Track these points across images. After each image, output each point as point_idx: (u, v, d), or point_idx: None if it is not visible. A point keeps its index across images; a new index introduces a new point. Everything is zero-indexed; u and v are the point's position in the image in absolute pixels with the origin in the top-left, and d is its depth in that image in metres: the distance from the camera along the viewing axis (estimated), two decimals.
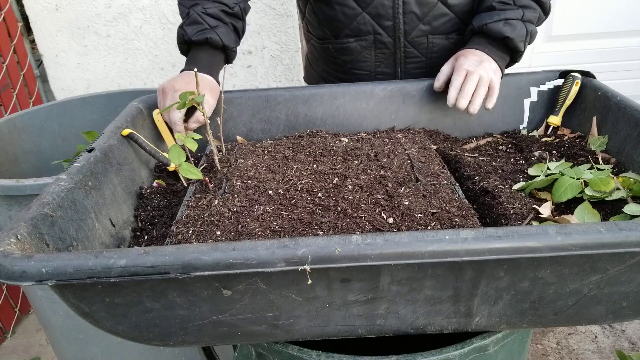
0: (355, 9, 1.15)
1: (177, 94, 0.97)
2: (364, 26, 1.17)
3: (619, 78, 2.33)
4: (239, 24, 1.15)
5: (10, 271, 0.54)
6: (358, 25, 1.17)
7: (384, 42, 1.18)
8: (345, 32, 1.20)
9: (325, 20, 1.21)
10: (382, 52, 1.20)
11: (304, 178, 0.88)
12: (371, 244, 0.55)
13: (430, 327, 0.69)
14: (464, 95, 1.02)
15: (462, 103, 1.03)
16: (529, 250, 0.56)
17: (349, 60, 1.24)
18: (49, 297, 1.27)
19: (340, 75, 1.28)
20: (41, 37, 2.12)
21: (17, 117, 1.47)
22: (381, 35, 1.17)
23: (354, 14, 1.16)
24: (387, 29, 1.16)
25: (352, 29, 1.18)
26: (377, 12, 1.15)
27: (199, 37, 1.07)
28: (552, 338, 1.84)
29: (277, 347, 0.76)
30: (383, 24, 1.16)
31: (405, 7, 1.13)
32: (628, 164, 0.90)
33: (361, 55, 1.22)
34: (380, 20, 1.15)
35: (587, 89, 1.06)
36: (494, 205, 0.82)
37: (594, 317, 0.69)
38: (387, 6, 1.13)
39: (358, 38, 1.19)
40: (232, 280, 0.59)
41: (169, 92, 1.01)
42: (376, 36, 1.18)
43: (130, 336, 0.67)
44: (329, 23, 1.21)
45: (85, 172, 0.78)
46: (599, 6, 2.28)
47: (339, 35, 1.21)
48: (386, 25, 1.16)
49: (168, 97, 1.01)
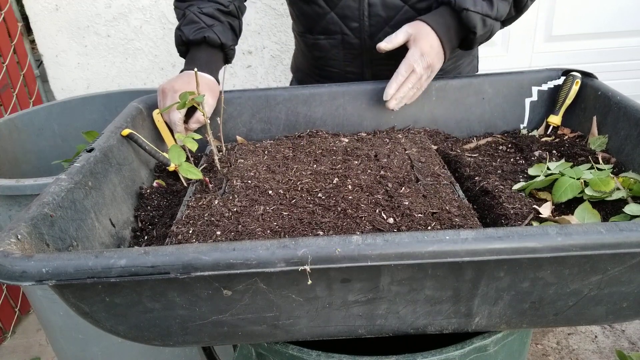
0: (324, 8, 1.15)
1: (177, 94, 0.97)
2: (332, 26, 1.17)
3: (619, 78, 2.33)
4: (235, 22, 1.15)
5: (11, 271, 0.54)
6: (327, 24, 1.17)
7: (351, 42, 1.18)
8: (317, 29, 1.20)
9: (301, 15, 1.22)
10: (350, 53, 1.20)
11: (304, 178, 0.88)
12: (371, 245, 0.55)
13: (430, 327, 0.69)
14: (397, 98, 1.04)
15: (391, 104, 1.05)
16: (529, 251, 0.56)
17: (321, 57, 1.24)
18: (48, 297, 1.27)
19: (315, 70, 1.29)
20: (41, 37, 2.12)
21: (17, 117, 1.47)
22: (348, 35, 1.17)
23: (324, 13, 1.16)
24: (354, 30, 1.16)
25: (322, 27, 1.18)
26: (344, 13, 1.14)
27: (197, 36, 1.08)
28: (552, 338, 1.84)
29: (277, 347, 0.76)
30: (349, 25, 1.15)
31: (371, 10, 1.12)
32: (628, 163, 0.90)
33: (331, 53, 1.22)
34: (347, 21, 1.15)
35: (588, 89, 1.06)
36: (494, 206, 0.82)
37: (594, 317, 0.69)
38: (354, 8, 1.13)
39: (327, 36, 1.19)
40: (232, 280, 0.59)
41: (168, 93, 1.02)
42: (344, 36, 1.18)
43: (130, 336, 0.67)
44: (304, 18, 1.21)
45: (85, 172, 0.78)
46: (599, 6, 2.28)
47: (312, 31, 1.21)
48: (353, 26, 1.15)
49: (168, 98, 1.01)
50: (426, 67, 1.02)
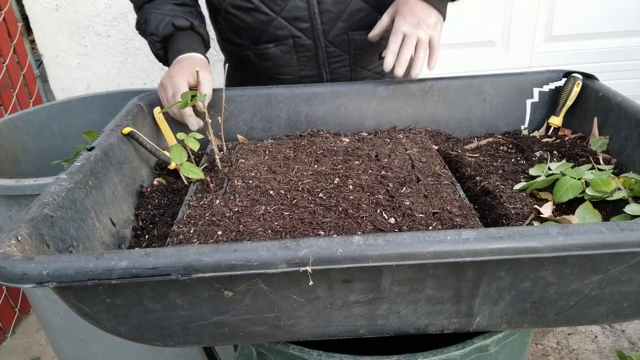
0: (269, 15, 1.12)
1: (175, 79, 0.98)
2: (281, 31, 1.14)
3: (619, 78, 2.33)
4: (194, 9, 1.16)
5: (11, 273, 0.54)
6: (275, 31, 1.14)
7: (304, 44, 1.15)
8: (263, 39, 1.16)
9: (241, 28, 1.17)
10: (303, 55, 1.17)
11: (305, 178, 0.88)
12: (373, 245, 0.55)
13: (431, 327, 0.69)
14: (400, 62, 1.01)
15: (398, 71, 1.02)
16: (530, 251, 0.56)
17: (270, 66, 1.20)
18: (49, 297, 1.27)
19: (263, 82, 1.22)
20: (41, 37, 2.12)
21: (17, 117, 1.47)
22: (300, 38, 1.15)
23: (269, 20, 1.13)
24: (305, 31, 1.14)
25: (270, 35, 1.15)
26: (292, 15, 1.12)
27: (166, 29, 1.08)
28: (552, 338, 1.84)
29: (278, 347, 0.76)
30: (300, 26, 1.13)
31: (320, 7, 1.11)
32: (629, 164, 0.90)
33: (282, 60, 1.18)
34: (297, 23, 1.13)
35: (588, 90, 1.06)
36: (495, 206, 0.82)
37: (595, 317, 0.69)
38: (302, 8, 1.11)
39: (277, 43, 1.16)
40: (233, 281, 0.59)
41: (167, 84, 1.01)
42: (295, 39, 1.15)
43: (131, 336, 0.66)
44: (246, 30, 1.17)
45: (85, 171, 0.78)
46: (599, 6, 2.28)
47: (258, 41, 1.17)
48: (304, 27, 1.13)
49: (168, 89, 1.01)
50: (416, 25, 1.00)
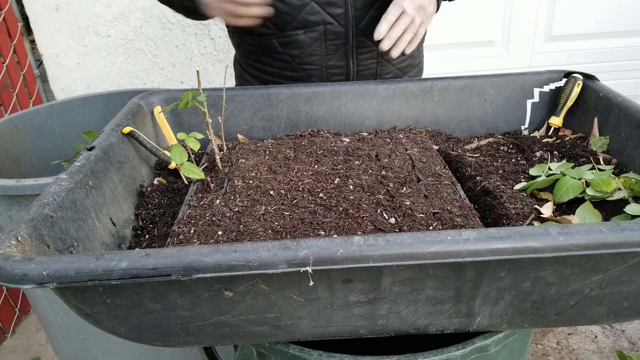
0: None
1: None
2: (313, 16, 1.11)
3: (619, 78, 2.33)
4: None
5: (11, 274, 0.54)
6: (306, 16, 1.11)
7: (335, 32, 1.13)
8: (292, 25, 1.12)
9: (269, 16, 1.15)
10: (333, 44, 1.15)
11: (306, 178, 0.88)
12: (373, 245, 0.55)
13: (431, 327, 0.69)
14: (389, 37, 1.02)
15: (385, 45, 1.02)
16: (530, 251, 0.56)
17: (297, 55, 1.17)
18: (49, 297, 1.27)
19: (286, 73, 1.20)
20: (41, 37, 2.11)
21: (17, 117, 1.47)
22: (332, 24, 1.12)
23: (302, 4, 1.10)
24: (338, 17, 1.12)
25: (300, 21, 1.11)
26: (326, 0, 1.10)
27: None
28: (552, 338, 1.84)
29: (279, 347, 0.76)
30: (333, 12, 1.11)
31: None
32: (629, 164, 0.90)
33: (311, 48, 1.15)
34: (331, 8, 1.11)
35: (589, 90, 1.06)
36: (496, 206, 0.82)
37: (596, 317, 0.69)
38: None
39: (307, 30, 1.12)
40: (234, 281, 0.59)
41: None
42: (326, 26, 1.12)
43: (131, 337, 0.66)
44: (274, 17, 1.11)
45: (85, 171, 0.78)
46: (599, 6, 2.28)
47: (286, 28, 1.13)
48: (337, 13, 1.11)
49: None
50: (417, 7, 1.01)
